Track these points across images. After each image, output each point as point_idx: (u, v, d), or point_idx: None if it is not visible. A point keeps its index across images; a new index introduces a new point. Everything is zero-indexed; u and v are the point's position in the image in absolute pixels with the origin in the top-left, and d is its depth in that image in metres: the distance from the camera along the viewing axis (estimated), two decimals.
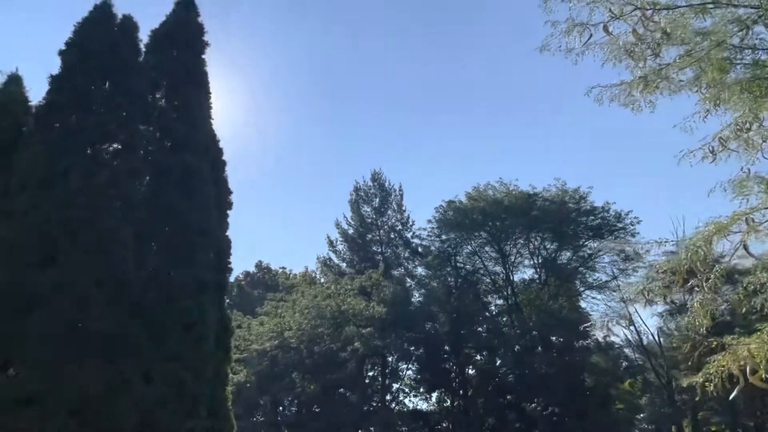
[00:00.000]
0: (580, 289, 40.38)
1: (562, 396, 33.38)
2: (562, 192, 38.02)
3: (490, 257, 40.69)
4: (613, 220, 37.05)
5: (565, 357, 35.19)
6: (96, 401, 8.13)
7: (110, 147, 9.54)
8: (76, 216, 8.79)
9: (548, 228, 37.12)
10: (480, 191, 38.95)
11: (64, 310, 8.28)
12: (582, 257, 38.78)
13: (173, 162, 10.19)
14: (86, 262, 8.63)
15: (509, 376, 38.28)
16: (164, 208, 9.90)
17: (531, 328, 35.96)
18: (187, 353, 9.29)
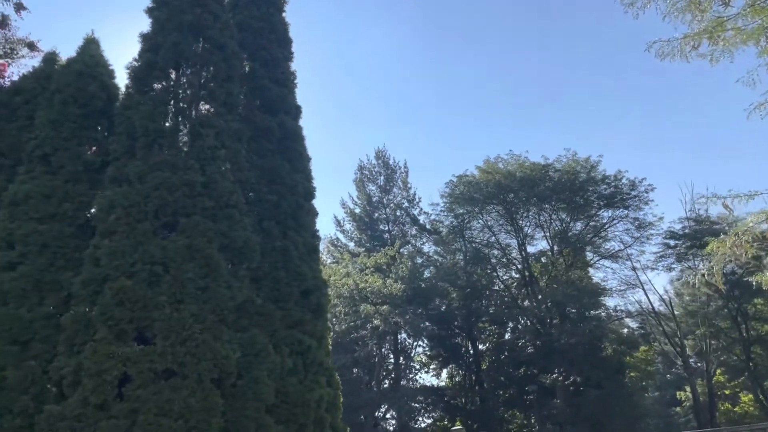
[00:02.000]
0: (594, 258, 40.53)
1: (582, 365, 33.59)
2: (574, 162, 38.00)
3: (503, 230, 40.61)
4: (626, 188, 37.05)
5: (583, 326, 35.36)
6: (234, 371, 7.67)
7: (211, 107, 8.94)
8: (193, 179, 8.26)
9: (561, 198, 37.10)
10: (491, 164, 38.71)
11: (193, 277, 7.78)
12: (595, 227, 38.86)
13: (271, 123, 9.66)
14: (208, 227, 8.11)
15: (528, 347, 38.44)
16: (268, 171, 9.40)
17: (547, 299, 36.04)
18: (307, 320, 8.87)
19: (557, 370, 35.54)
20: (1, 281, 8.03)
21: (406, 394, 36.00)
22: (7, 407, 7.37)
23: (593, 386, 33.70)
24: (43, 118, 9.12)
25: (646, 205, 37.17)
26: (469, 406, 39.58)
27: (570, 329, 34.21)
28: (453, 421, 39.54)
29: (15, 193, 8.64)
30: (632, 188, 36.89)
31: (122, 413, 7.07)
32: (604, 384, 33.36)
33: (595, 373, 33.88)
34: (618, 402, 32.73)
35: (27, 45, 11.96)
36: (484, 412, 37.56)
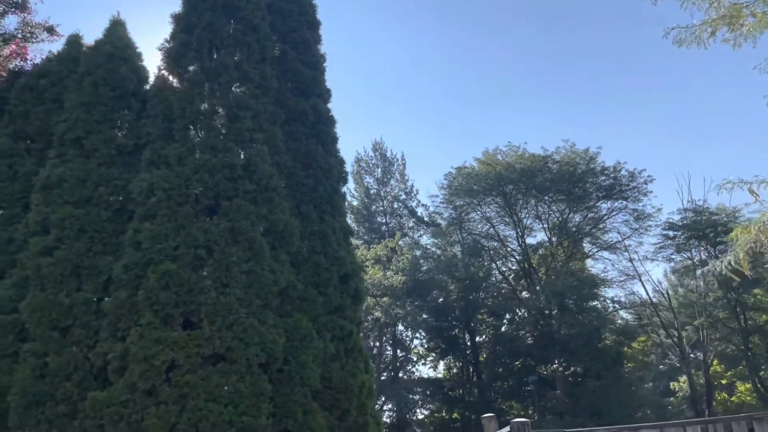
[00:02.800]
0: (593, 250, 40.71)
1: (582, 356, 33.78)
2: (573, 153, 38.09)
3: (501, 222, 40.66)
4: (625, 179, 37.18)
5: (583, 317, 35.55)
6: (281, 357, 7.56)
7: (246, 89, 8.78)
8: (234, 161, 8.10)
9: (560, 189, 37.17)
10: (490, 155, 38.71)
11: (237, 261, 7.64)
12: (594, 218, 39.01)
13: (305, 106, 9.51)
14: (250, 210, 7.96)
15: (528, 338, 38.60)
16: (303, 155, 9.26)
17: (546, 290, 36.17)
18: (347, 306, 8.76)
19: (557, 361, 35.71)
20: (38, 266, 7.83)
21: (405, 386, 36.03)
22: (49, 394, 7.20)
23: (593, 377, 33.93)
24: (74, 100, 8.90)
25: (644, 196, 37.36)
26: (467, 398, 39.69)
27: (570, 320, 34.37)
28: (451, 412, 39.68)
29: (48, 177, 8.43)
30: (631, 179, 37.05)
31: (171, 399, 6.93)
32: (603, 374, 33.60)
33: (594, 364, 34.12)
34: (617, 392, 32.98)
35: (46, 29, 11.67)
36: (482, 403, 37.66)
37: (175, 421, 6.82)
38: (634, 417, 37.03)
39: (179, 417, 6.85)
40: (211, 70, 8.70)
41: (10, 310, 7.91)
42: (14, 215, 8.68)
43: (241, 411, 7.02)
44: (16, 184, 8.87)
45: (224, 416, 6.89)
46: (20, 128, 9.33)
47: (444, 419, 40.49)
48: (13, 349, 7.64)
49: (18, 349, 7.62)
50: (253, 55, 9.11)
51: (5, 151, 9.11)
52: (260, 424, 7.01)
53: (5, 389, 7.47)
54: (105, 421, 6.91)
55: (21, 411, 7.10)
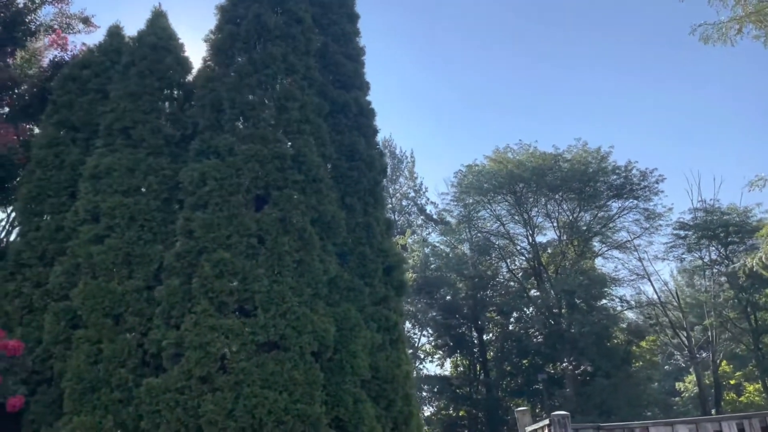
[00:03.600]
0: (603, 249, 40.73)
1: (592, 355, 33.82)
2: (584, 152, 38.12)
3: (512, 220, 40.69)
4: (636, 179, 37.18)
5: (593, 316, 35.60)
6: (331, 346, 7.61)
7: (292, 80, 8.82)
8: (284, 152, 8.14)
9: (572, 188, 37.18)
10: (500, 153, 38.76)
11: (289, 250, 7.69)
12: (604, 217, 39.04)
13: (348, 99, 9.56)
14: (300, 200, 8.02)
15: (538, 336, 38.64)
16: (347, 147, 9.30)
17: (557, 288, 36.20)
18: (391, 297, 8.81)
19: (566, 359, 35.76)
20: (89, 254, 7.89)
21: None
22: (104, 380, 7.25)
23: (603, 375, 33.99)
24: (120, 90, 8.96)
25: (655, 195, 37.37)
26: (475, 395, 39.75)
27: (581, 318, 34.37)
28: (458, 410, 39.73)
29: (96, 166, 8.48)
30: (643, 178, 37.05)
31: (227, 386, 6.98)
32: (612, 373, 33.66)
33: (604, 363, 34.17)
34: (626, 391, 33.04)
35: (82, 20, 11.72)
36: (490, 401, 37.74)
37: (231, 407, 6.87)
38: (643, 416, 37.06)
39: (235, 404, 6.90)
40: (258, 62, 8.74)
41: (60, 297, 7.97)
42: (61, 203, 8.74)
43: (296, 399, 7.06)
44: (62, 172, 8.92)
45: (279, 403, 6.94)
46: (65, 118, 9.38)
47: (451, 417, 40.53)
48: (66, 335, 7.70)
49: (70, 335, 7.67)
50: (299, 46, 9.16)
51: (51, 140, 9.16)
52: (314, 411, 7.05)
53: (59, 375, 7.53)
54: (161, 407, 6.95)
55: (76, 397, 7.16)
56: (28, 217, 8.70)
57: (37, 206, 8.73)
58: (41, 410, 7.41)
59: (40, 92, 10.73)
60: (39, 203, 8.73)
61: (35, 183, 8.82)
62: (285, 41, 9.05)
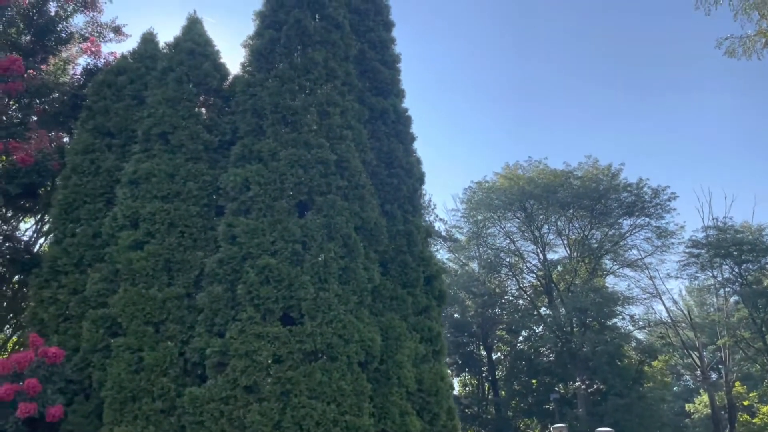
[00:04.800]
0: (614, 267, 40.45)
1: (605, 374, 33.44)
2: (595, 169, 38.06)
3: (522, 237, 40.50)
4: (648, 196, 37.05)
5: (606, 335, 35.24)
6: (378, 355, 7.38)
7: (333, 86, 8.71)
8: (328, 157, 8.00)
9: (583, 205, 37.05)
10: (510, 170, 38.73)
11: (334, 257, 7.50)
12: (616, 235, 38.82)
13: (386, 105, 9.45)
14: (344, 206, 7.85)
15: (550, 355, 38.19)
16: (385, 154, 9.17)
17: (569, 306, 35.87)
18: (433, 306, 8.60)
19: (579, 379, 35.31)
20: (129, 260, 7.70)
21: None
22: (145, 389, 7.02)
23: (616, 395, 33.54)
24: (158, 96, 8.84)
25: (667, 213, 37.18)
26: (484, 415, 39.18)
27: (593, 337, 33.97)
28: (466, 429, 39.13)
29: (134, 172, 8.34)
30: (654, 196, 36.90)
31: (273, 395, 6.76)
32: (625, 393, 33.23)
33: (617, 382, 33.74)
34: (639, 412, 32.56)
35: (112, 29, 11.68)
36: (499, 421, 37.19)
37: (279, 418, 6.64)
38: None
39: (282, 414, 6.67)
40: (299, 67, 8.64)
41: (98, 305, 7.77)
42: (98, 210, 8.58)
43: (344, 410, 6.84)
44: (98, 179, 8.78)
45: (328, 414, 6.71)
46: (100, 124, 9.26)
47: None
48: (105, 343, 7.49)
49: (109, 343, 7.47)
50: (338, 52, 9.07)
51: (86, 146, 9.03)
52: (363, 423, 6.82)
53: (98, 384, 7.31)
54: (204, 418, 6.73)
55: (117, 407, 6.93)
56: (64, 223, 8.53)
57: (72, 212, 8.57)
58: (80, 420, 7.17)
59: (72, 99, 10.64)
60: (75, 209, 8.57)
61: (71, 189, 8.67)
62: (325, 47, 8.97)
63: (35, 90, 10.28)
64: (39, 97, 10.55)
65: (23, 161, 8.89)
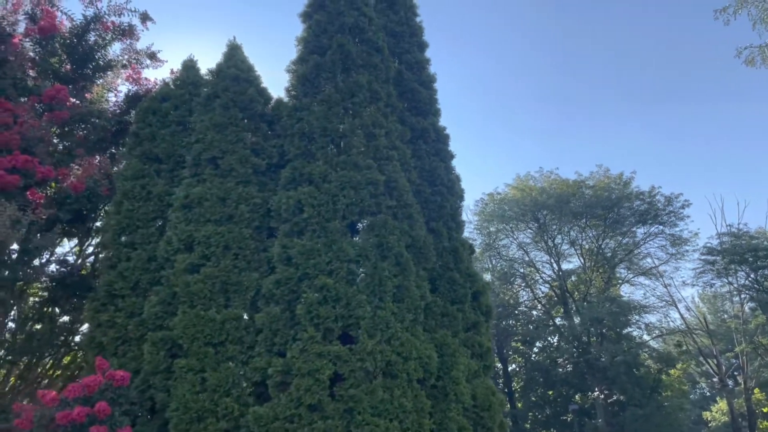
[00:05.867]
0: (629, 275, 40.43)
1: (624, 384, 33.34)
2: (607, 178, 38.19)
3: (536, 247, 40.56)
4: (661, 204, 37.11)
5: (623, 344, 35.17)
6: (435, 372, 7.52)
7: (376, 108, 8.93)
8: (377, 178, 8.19)
9: (596, 215, 37.14)
10: (521, 181, 38.87)
11: (389, 275, 7.66)
12: (630, 243, 38.85)
13: (426, 125, 9.67)
14: (395, 225, 8.02)
15: (567, 366, 38.08)
16: (428, 172, 9.37)
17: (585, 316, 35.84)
18: (481, 322, 8.74)
19: (597, 389, 35.19)
20: (186, 283, 7.88)
21: None
22: (210, 410, 7.16)
23: (635, 405, 33.41)
24: (206, 122, 9.07)
25: (681, 220, 37.22)
26: None
27: (612, 347, 33.89)
28: None
29: (186, 196, 8.54)
30: (668, 204, 36.96)
31: (337, 413, 6.89)
32: (644, 403, 33.11)
33: (637, 392, 33.63)
34: (658, 421, 32.43)
35: (148, 56, 11.95)
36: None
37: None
38: None
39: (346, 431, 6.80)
40: (344, 90, 8.86)
41: (157, 327, 7.94)
42: (150, 234, 8.77)
43: (406, 426, 6.96)
44: (149, 204, 8.98)
45: (391, 431, 6.83)
46: (148, 150, 9.48)
47: None
48: (166, 365, 7.64)
49: (170, 365, 7.62)
50: (380, 75, 9.30)
51: (136, 172, 9.24)
52: None
53: (161, 405, 7.45)
54: None
55: (183, 427, 7.06)
56: (118, 248, 8.72)
57: (126, 237, 8.76)
58: None
59: (115, 125, 10.89)
60: (128, 234, 8.76)
61: (124, 214, 8.86)
62: (367, 70, 9.20)
63: (79, 118, 10.53)
64: (82, 123, 10.80)
65: (75, 188, 9.11)
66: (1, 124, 9.19)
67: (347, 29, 9.32)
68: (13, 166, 8.46)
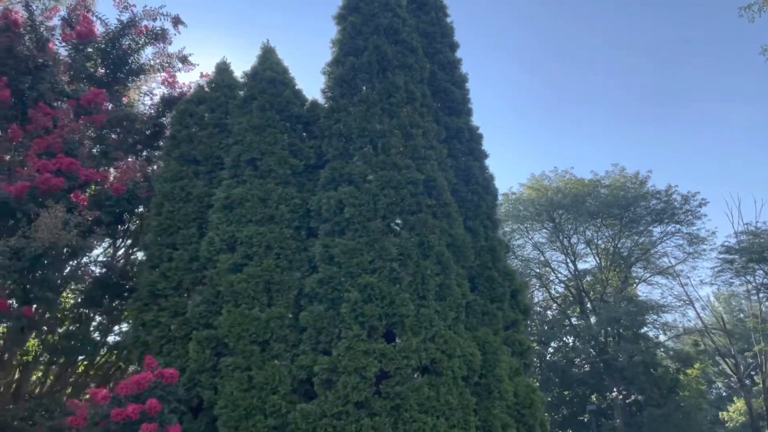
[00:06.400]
0: (645, 275, 40.27)
1: (642, 384, 33.21)
2: (622, 177, 38.08)
3: (551, 247, 40.47)
4: (678, 203, 36.94)
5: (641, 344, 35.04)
6: (478, 370, 7.58)
7: (412, 108, 9.01)
8: (416, 178, 8.27)
9: (612, 214, 37.04)
10: (536, 180, 38.83)
11: (431, 274, 7.73)
12: (647, 242, 38.69)
13: (461, 125, 9.74)
14: (435, 224, 8.10)
15: (585, 366, 37.95)
16: (463, 172, 9.44)
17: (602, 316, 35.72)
18: (520, 321, 8.79)
19: (616, 389, 35.06)
20: (230, 283, 7.98)
21: None
22: (258, 407, 7.25)
23: (653, 405, 33.26)
24: (244, 124, 9.18)
25: (698, 219, 37.04)
26: None
27: (630, 347, 33.76)
28: None
29: (227, 197, 8.65)
30: (684, 202, 36.80)
31: (384, 410, 6.96)
32: (662, 403, 32.97)
33: (655, 392, 33.49)
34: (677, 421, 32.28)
35: (180, 59, 12.10)
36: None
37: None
38: None
39: (395, 428, 6.87)
40: (381, 91, 8.95)
41: (201, 326, 8.05)
42: (191, 235, 8.89)
43: (453, 424, 7.02)
44: (189, 205, 9.10)
45: (438, 428, 6.90)
46: (186, 152, 9.61)
47: None
48: (212, 363, 7.75)
49: (216, 363, 7.72)
50: (415, 75, 9.38)
51: (175, 174, 9.37)
52: None
53: (208, 403, 7.56)
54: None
55: (232, 424, 7.16)
56: (159, 248, 8.84)
57: (168, 238, 8.88)
58: None
59: (151, 128, 11.05)
60: (170, 235, 8.89)
61: (165, 216, 8.99)
62: (403, 70, 9.28)
63: (116, 121, 10.69)
64: (118, 127, 10.97)
65: (116, 190, 9.25)
66: (42, 128, 9.36)
67: (382, 30, 9.41)
68: (58, 169, 8.62)
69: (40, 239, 7.05)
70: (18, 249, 7.39)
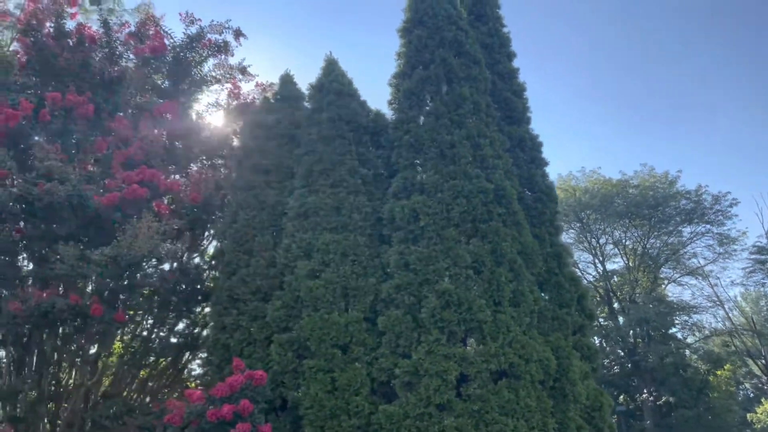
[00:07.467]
0: (674, 275, 40.05)
1: (673, 386, 33.07)
2: (651, 177, 37.86)
3: (579, 247, 40.36)
4: (708, 203, 36.68)
5: (672, 345, 34.86)
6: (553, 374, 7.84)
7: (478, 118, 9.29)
8: (487, 187, 8.55)
9: (641, 214, 36.87)
10: (565, 181, 38.75)
11: (505, 281, 8.01)
12: (676, 243, 38.46)
13: (523, 133, 10.01)
14: (507, 232, 8.37)
15: (615, 367, 37.84)
16: (527, 180, 9.72)
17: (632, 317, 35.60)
18: (586, 326, 9.03)
19: (646, 391, 34.94)
20: (308, 288, 8.33)
21: None
22: (342, 408, 7.59)
23: (684, 406, 33.12)
24: (314, 135, 9.54)
25: (729, 219, 36.76)
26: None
27: (661, 349, 33.62)
28: None
29: (301, 206, 9.01)
30: (715, 202, 36.55)
31: (465, 412, 7.25)
32: (692, 404, 32.82)
33: (685, 393, 33.34)
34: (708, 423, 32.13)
35: (239, 70, 12.50)
36: None
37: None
38: None
39: (476, 430, 7.16)
40: (449, 102, 9.24)
41: (281, 329, 8.41)
42: (266, 242, 9.26)
43: (532, 426, 7.29)
44: (263, 213, 9.48)
45: (519, 430, 7.17)
46: (257, 162, 10.00)
47: None
48: (294, 365, 8.10)
49: (298, 365, 8.07)
50: (479, 86, 9.66)
51: (248, 183, 9.77)
52: None
53: (292, 404, 7.91)
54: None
55: (318, 423, 7.51)
56: (237, 255, 9.23)
57: (244, 245, 9.26)
58: None
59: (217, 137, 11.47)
60: (246, 242, 9.27)
61: (241, 223, 9.38)
62: (468, 82, 9.56)
63: (184, 131, 11.12)
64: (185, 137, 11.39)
65: (194, 199, 9.68)
66: (121, 139, 9.80)
67: (447, 44, 9.69)
68: (141, 179, 9.04)
69: (138, 247, 7.44)
70: (113, 257, 7.81)
